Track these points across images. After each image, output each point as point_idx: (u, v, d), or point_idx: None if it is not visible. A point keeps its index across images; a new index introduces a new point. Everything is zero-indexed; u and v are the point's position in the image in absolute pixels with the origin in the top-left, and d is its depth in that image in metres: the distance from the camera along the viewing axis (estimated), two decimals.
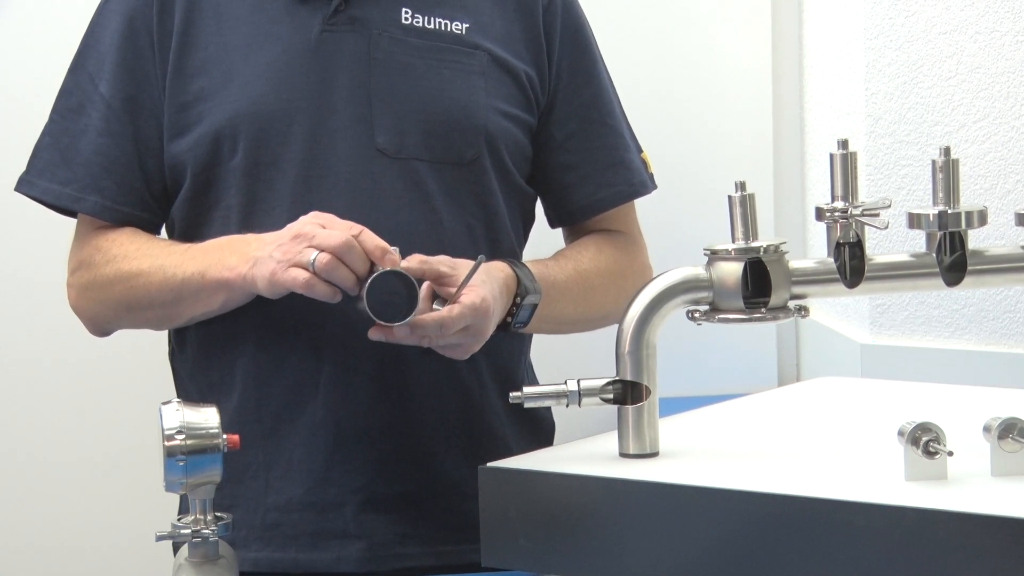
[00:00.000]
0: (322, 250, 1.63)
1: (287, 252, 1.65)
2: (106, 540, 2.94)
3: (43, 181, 1.83)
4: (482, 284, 1.67)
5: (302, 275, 1.63)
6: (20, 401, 2.92)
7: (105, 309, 1.83)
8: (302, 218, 1.68)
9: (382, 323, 1.62)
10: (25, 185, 1.84)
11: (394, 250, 1.64)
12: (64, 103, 1.84)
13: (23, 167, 1.84)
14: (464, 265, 1.67)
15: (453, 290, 1.65)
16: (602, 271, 1.87)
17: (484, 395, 1.80)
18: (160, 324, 1.84)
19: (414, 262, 1.65)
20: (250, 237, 1.73)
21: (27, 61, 2.85)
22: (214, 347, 1.80)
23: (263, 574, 1.75)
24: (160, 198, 1.84)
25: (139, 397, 2.41)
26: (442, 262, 1.67)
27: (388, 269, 1.62)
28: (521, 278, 1.75)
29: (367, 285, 1.61)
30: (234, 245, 1.72)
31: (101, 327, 1.88)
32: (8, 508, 2.94)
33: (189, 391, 1.82)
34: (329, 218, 1.67)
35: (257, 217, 1.77)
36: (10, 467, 2.94)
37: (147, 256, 1.78)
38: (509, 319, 1.75)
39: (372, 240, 1.64)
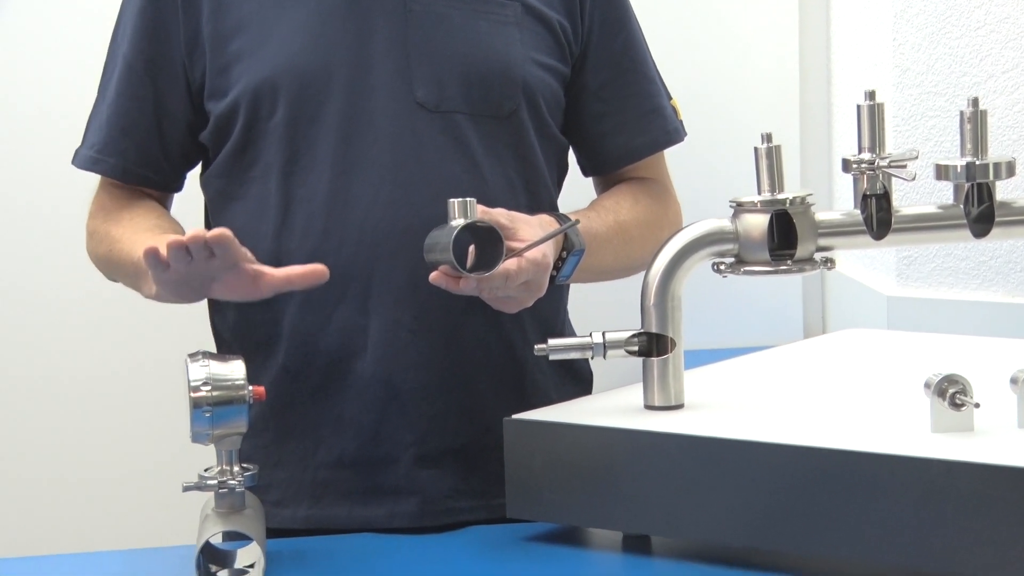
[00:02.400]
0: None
1: None
2: (133, 492, 2.96)
3: (81, 149, 1.87)
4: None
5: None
6: (53, 349, 2.94)
7: (99, 261, 1.87)
8: None
9: (462, 272, 1.60)
10: (73, 157, 1.88)
11: (469, 201, 1.60)
12: (103, 75, 1.86)
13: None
14: (521, 219, 1.67)
15: (514, 243, 1.64)
16: (640, 222, 1.87)
17: (528, 347, 1.80)
18: (139, 292, 1.83)
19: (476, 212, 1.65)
20: None
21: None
22: (257, 306, 1.80)
23: (314, 531, 1.76)
24: (176, 161, 1.85)
25: (169, 349, 2.41)
26: (501, 214, 1.66)
27: (474, 221, 1.60)
28: (568, 233, 1.75)
29: (454, 235, 1.59)
30: None
31: (105, 275, 1.89)
32: (39, 458, 2.96)
33: (233, 350, 1.82)
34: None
35: (298, 175, 1.77)
36: (40, 418, 2.96)
37: (129, 227, 1.80)
38: (554, 273, 1.75)
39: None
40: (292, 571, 1.54)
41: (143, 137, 1.82)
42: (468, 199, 1.60)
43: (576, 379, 1.89)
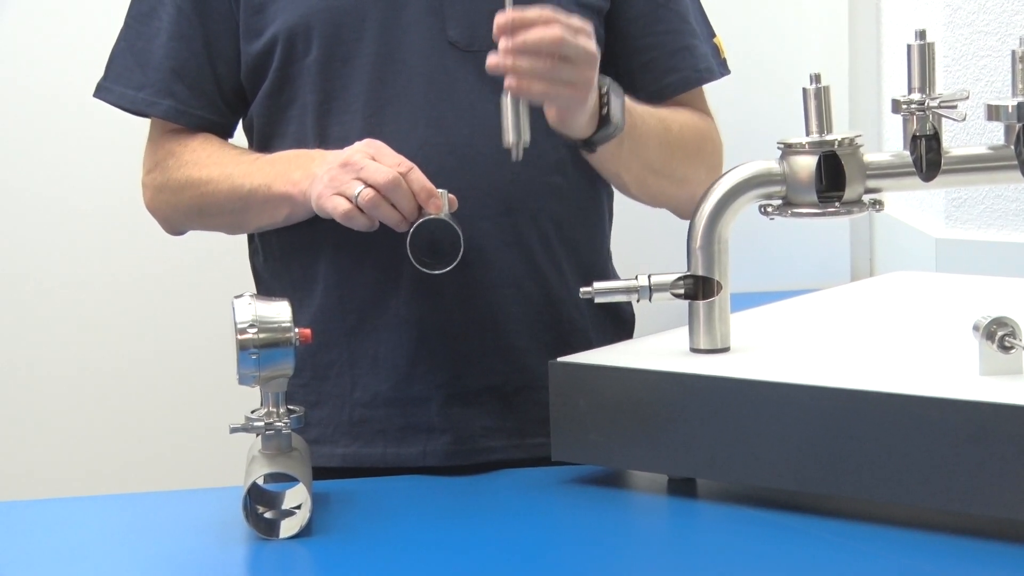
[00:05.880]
0: (368, 185, 1.64)
1: (334, 179, 1.67)
2: (181, 434, 2.99)
3: (118, 87, 1.85)
4: None
5: (343, 205, 1.66)
6: (96, 297, 2.96)
7: (176, 212, 1.86)
8: (355, 144, 1.69)
9: (425, 271, 1.63)
10: (102, 91, 1.86)
11: (441, 193, 1.64)
12: (137, 8, 1.85)
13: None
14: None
15: None
16: (680, 122, 1.84)
17: (565, 287, 1.80)
18: (231, 230, 1.87)
19: None
20: (315, 153, 1.74)
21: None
22: (296, 246, 1.81)
23: (350, 469, 1.77)
24: (231, 101, 1.84)
25: (214, 293, 2.43)
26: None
27: (432, 217, 1.62)
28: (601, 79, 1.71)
29: (411, 232, 1.62)
30: (300, 160, 1.73)
31: (174, 227, 1.90)
32: (87, 404, 2.98)
33: (271, 290, 1.83)
34: (380, 148, 1.68)
35: (333, 115, 1.77)
36: (88, 364, 2.98)
37: (217, 164, 1.80)
38: (605, 111, 1.71)
39: (419, 181, 1.65)
40: (337, 513, 1.55)
41: (197, 78, 1.81)
42: (440, 191, 1.64)
43: (617, 321, 1.88)
